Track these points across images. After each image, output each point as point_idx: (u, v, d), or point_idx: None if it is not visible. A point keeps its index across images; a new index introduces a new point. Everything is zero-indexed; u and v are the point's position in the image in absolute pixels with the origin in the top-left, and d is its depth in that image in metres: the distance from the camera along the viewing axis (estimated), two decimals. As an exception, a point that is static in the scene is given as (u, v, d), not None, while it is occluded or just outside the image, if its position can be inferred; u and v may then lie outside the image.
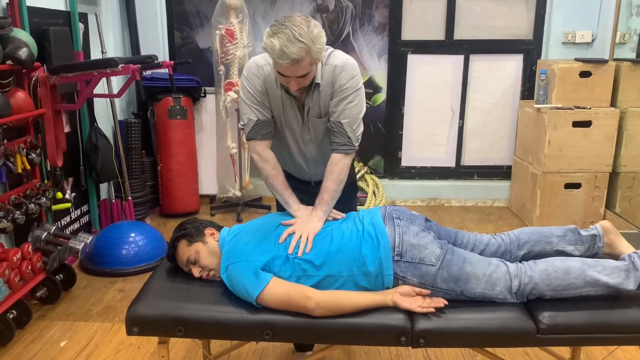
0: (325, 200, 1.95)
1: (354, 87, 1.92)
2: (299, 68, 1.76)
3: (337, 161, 1.97)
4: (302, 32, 1.71)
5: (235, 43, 3.95)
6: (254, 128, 1.99)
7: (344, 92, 1.91)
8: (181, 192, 4.19)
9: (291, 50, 1.70)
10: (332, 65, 1.91)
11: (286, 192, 2.03)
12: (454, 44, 4.42)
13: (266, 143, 2.02)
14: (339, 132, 1.95)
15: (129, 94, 4.32)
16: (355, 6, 4.41)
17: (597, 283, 1.74)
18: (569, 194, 3.89)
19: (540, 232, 1.97)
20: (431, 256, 1.78)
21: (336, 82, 1.91)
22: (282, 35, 1.71)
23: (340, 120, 1.94)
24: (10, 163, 2.64)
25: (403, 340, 1.69)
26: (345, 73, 1.90)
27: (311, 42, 1.72)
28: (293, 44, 1.70)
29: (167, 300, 1.79)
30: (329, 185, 1.96)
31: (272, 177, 2.04)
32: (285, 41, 1.70)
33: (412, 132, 4.60)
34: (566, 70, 3.81)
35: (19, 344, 2.52)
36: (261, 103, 1.96)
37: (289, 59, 1.71)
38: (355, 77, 1.92)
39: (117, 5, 4.17)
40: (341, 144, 1.96)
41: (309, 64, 1.77)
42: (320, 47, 1.77)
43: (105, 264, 3.24)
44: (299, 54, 1.71)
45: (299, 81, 1.82)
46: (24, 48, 2.61)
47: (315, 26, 1.76)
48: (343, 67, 1.90)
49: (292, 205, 2.02)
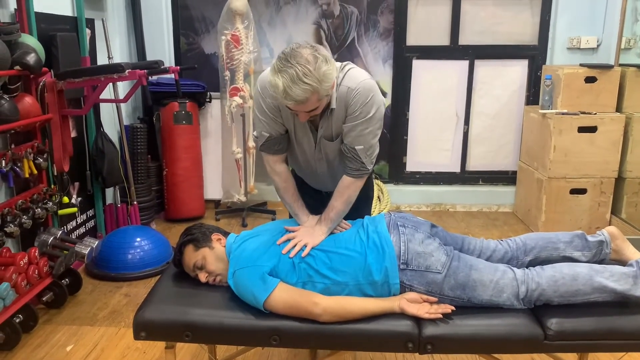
0: (330, 218, 1.93)
1: (367, 112, 1.81)
2: (306, 106, 1.69)
3: (348, 184, 1.94)
4: (306, 72, 1.60)
5: (240, 48, 3.96)
6: (266, 143, 1.98)
7: (357, 117, 1.82)
8: (186, 196, 4.20)
9: (295, 92, 1.62)
10: (345, 87, 1.81)
11: (296, 204, 2.04)
12: (459, 49, 4.42)
13: (278, 157, 2.01)
14: (353, 157, 1.89)
15: (135, 99, 4.33)
16: (360, 12, 4.42)
17: (605, 289, 1.73)
18: (574, 200, 3.88)
19: (546, 238, 1.96)
20: (437, 264, 1.77)
21: (349, 106, 1.81)
22: (285, 75, 1.61)
23: (355, 147, 1.86)
24: (17, 168, 2.65)
25: (410, 346, 1.68)
26: (359, 97, 1.79)
27: (318, 82, 1.63)
28: (297, 86, 1.61)
29: (175, 305, 1.79)
30: (336, 205, 1.94)
31: (283, 189, 2.05)
32: (289, 82, 1.61)
33: (417, 137, 4.60)
34: (571, 75, 3.80)
35: (26, 348, 2.52)
36: (273, 119, 1.92)
37: (293, 100, 1.64)
38: (369, 102, 1.80)
39: (124, 10, 4.20)
40: (355, 169, 1.91)
41: (317, 100, 1.69)
42: (328, 85, 1.68)
43: (111, 268, 3.24)
44: (304, 95, 1.63)
45: (309, 113, 1.76)
46: (32, 53, 2.62)
47: (323, 62, 1.64)
48: (357, 91, 1.79)
49: (301, 217, 2.02)
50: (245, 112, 4.11)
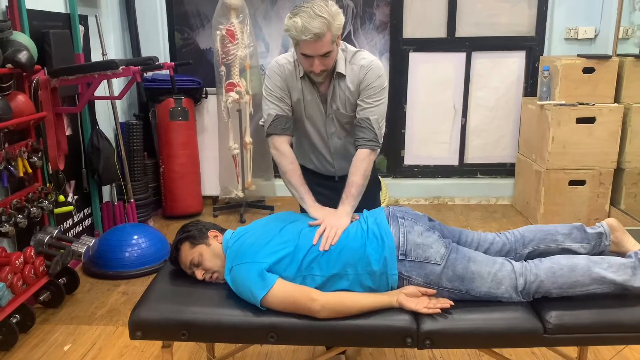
0: (352, 194, 1.98)
1: (381, 85, 2.01)
2: (322, 44, 1.83)
3: (364, 157, 2.02)
4: (321, 9, 1.81)
5: (236, 43, 3.94)
6: (272, 123, 2.06)
7: (371, 90, 2.00)
8: (183, 193, 4.18)
9: (313, 25, 1.79)
10: (358, 65, 2.00)
11: (302, 187, 2.06)
12: (456, 41, 4.40)
13: (284, 138, 2.08)
14: (367, 127, 2.01)
15: (130, 95, 4.30)
16: (356, 4, 4.39)
17: (604, 280, 1.72)
18: (573, 191, 3.86)
19: (545, 230, 1.95)
20: (436, 255, 1.77)
21: (363, 82, 2.00)
22: (303, 13, 1.81)
23: (369, 117, 2.00)
24: (11, 167, 2.63)
25: (409, 341, 1.67)
26: (372, 73, 1.99)
27: (331, 17, 1.82)
28: (314, 19, 1.79)
29: (171, 303, 1.78)
30: (356, 180, 2.00)
31: (290, 171, 2.07)
32: (307, 17, 1.79)
33: (414, 130, 4.58)
34: (569, 66, 3.78)
35: (23, 348, 2.51)
36: (280, 99, 2.04)
37: (311, 33, 1.79)
38: (382, 76, 2.02)
39: (118, 7, 4.16)
40: (368, 139, 2.01)
41: (331, 41, 1.85)
42: (339, 24, 1.87)
43: (108, 266, 3.23)
44: (321, 28, 1.80)
45: (322, 61, 1.89)
46: (24, 51, 2.60)
47: (333, 5, 1.86)
48: (370, 67, 1.99)
49: (307, 201, 2.04)
50: (241, 107, 4.09)
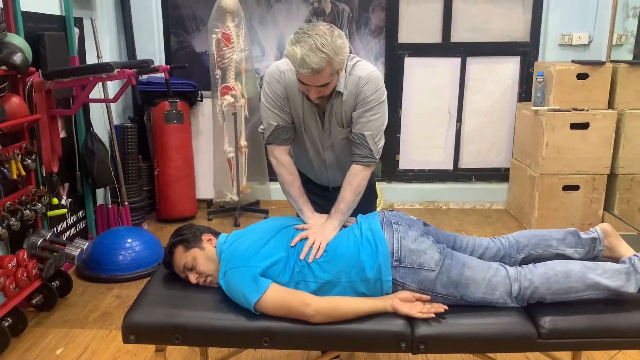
0: (341, 210, 1.95)
1: (378, 99, 1.93)
2: (320, 78, 1.77)
3: (357, 172, 1.98)
4: (324, 42, 1.71)
5: (231, 47, 3.94)
6: (273, 133, 2.01)
7: (367, 104, 1.92)
8: (178, 197, 4.17)
9: (312, 60, 1.70)
10: (356, 76, 1.92)
11: (301, 199, 2.04)
12: (451, 46, 4.41)
13: (284, 148, 2.05)
14: (361, 144, 1.96)
15: (125, 98, 4.29)
16: (351, 9, 4.40)
17: (598, 286, 1.73)
18: (567, 196, 3.87)
19: (539, 235, 1.95)
20: (430, 261, 1.76)
21: (360, 94, 1.92)
22: (304, 44, 1.71)
23: (363, 133, 1.94)
24: (5, 169, 2.61)
25: (403, 346, 1.67)
26: (370, 85, 1.91)
27: (333, 53, 1.73)
28: (315, 54, 1.70)
29: (164, 307, 1.77)
30: (346, 196, 1.96)
31: (288, 183, 2.05)
32: (307, 50, 1.70)
33: (409, 135, 4.59)
34: (563, 72, 3.80)
35: (15, 352, 2.49)
36: (281, 108, 1.98)
37: (310, 68, 1.72)
38: (380, 89, 1.93)
39: (113, 9, 4.16)
40: (362, 156, 1.97)
41: (330, 74, 1.78)
42: (342, 58, 1.78)
43: (101, 270, 3.21)
44: (320, 64, 1.71)
45: (319, 90, 1.83)
46: (19, 53, 2.58)
47: (338, 37, 1.76)
48: (368, 79, 1.91)
49: (305, 212, 2.02)
50: (236, 110, 4.08)
